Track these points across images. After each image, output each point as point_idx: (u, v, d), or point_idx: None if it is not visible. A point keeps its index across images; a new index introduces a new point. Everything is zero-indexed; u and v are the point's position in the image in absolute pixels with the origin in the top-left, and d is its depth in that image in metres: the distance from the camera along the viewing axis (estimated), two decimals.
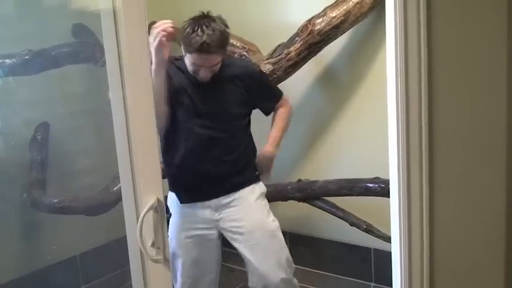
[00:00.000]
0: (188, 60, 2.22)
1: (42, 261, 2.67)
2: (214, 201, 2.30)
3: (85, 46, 2.57)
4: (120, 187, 2.40)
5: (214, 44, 2.15)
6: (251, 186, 2.36)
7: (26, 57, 2.38)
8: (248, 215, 2.32)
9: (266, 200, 2.40)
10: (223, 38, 2.20)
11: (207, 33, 2.14)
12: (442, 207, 1.68)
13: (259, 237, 2.31)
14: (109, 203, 2.54)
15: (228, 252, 2.56)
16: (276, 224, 2.37)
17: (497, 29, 1.51)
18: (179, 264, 2.35)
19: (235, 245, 2.35)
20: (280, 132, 2.44)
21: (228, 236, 2.35)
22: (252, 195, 2.35)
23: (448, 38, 1.58)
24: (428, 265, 1.73)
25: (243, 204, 2.32)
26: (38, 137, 2.62)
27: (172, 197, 2.36)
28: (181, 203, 2.33)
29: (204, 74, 2.22)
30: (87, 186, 2.73)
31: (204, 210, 2.31)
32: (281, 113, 2.47)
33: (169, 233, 2.34)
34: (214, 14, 2.27)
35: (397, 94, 1.64)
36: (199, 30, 2.15)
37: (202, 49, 2.14)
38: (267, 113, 2.47)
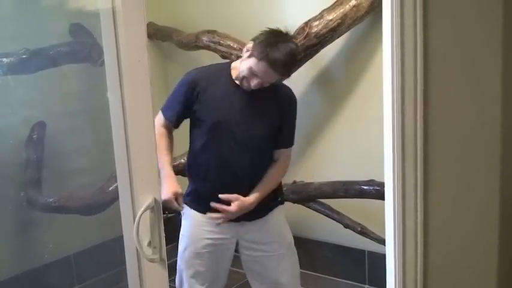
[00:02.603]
0: (248, 65, 2.16)
1: (36, 260, 2.67)
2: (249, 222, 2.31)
3: (82, 46, 2.56)
4: (115, 187, 2.41)
5: (287, 65, 2.16)
6: (276, 209, 2.39)
7: (24, 56, 2.38)
8: (268, 226, 2.35)
9: (284, 214, 2.45)
10: (294, 62, 2.22)
11: (285, 51, 2.13)
12: (436, 210, 1.69)
13: (277, 248, 2.35)
14: (104, 202, 2.54)
15: None
16: (291, 237, 2.41)
17: (493, 34, 1.52)
18: (190, 273, 2.32)
19: (248, 253, 2.36)
20: (266, 193, 2.31)
21: (244, 244, 2.36)
22: (274, 213, 2.39)
23: (444, 41, 1.59)
24: (422, 268, 1.74)
25: (264, 217, 2.35)
26: (34, 136, 2.61)
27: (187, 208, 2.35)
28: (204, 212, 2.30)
29: (254, 85, 2.18)
30: (83, 185, 2.73)
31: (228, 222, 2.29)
32: (279, 171, 2.38)
33: (183, 243, 2.33)
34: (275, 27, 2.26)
35: (392, 97, 1.66)
36: (278, 44, 2.13)
37: (274, 65, 2.12)
38: (279, 147, 2.38)
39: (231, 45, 3.13)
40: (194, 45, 3.43)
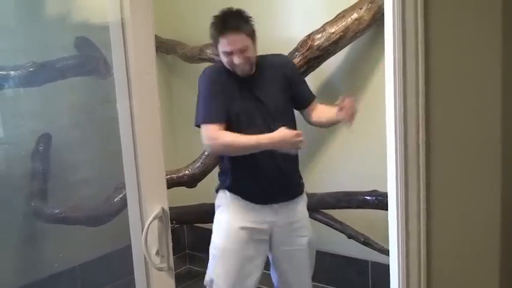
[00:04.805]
0: (220, 52, 2.25)
1: (42, 271, 2.68)
2: (278, 205, 2.34)
3: (89, 59, 2.60)
4: (120, 198, 2.44)
5: (236, 19, 2.23)
6: (303, 195, 2.49)
7: (31, 69, 2.42)
8: (296, 210, 2.43)
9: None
10: (244, 15, 2.26)
11: (225, 13, 2.24)
12: (439, 220, 1.71)
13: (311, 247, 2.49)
14: (110, 213, 2.56)
15: None
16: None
17: (494, 43, 1.54)
18: (230, 260, 2.33)
19: (282, 248, 2.41)
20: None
21: (277, 237, 2.39)
22: (304, 207, 2.49)
23: (445, 54, 1.61)
24: (426, 279, 1.74)
25: (300, 210, 2.44)
26: (40, 148, 2.64)
27: (227, 196, 2.36)
28: (250, 201, 2.32)
29: (240, 60, 2.23)
30: (88, 196, 2.75)
31: (264, 210, 2.33)
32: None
33: (219, 230, 2.34)
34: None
35: (395, 108, 1.67)
36: (220, 17, 2.25)
37: (225, 29, 2.20)
38: (307, 102, 2.47)
39: None
40: (198, 58, 3.46)
